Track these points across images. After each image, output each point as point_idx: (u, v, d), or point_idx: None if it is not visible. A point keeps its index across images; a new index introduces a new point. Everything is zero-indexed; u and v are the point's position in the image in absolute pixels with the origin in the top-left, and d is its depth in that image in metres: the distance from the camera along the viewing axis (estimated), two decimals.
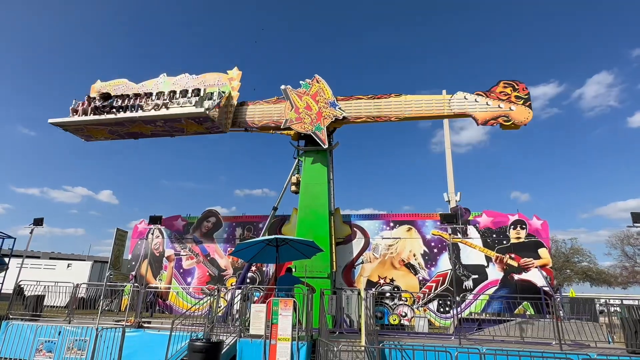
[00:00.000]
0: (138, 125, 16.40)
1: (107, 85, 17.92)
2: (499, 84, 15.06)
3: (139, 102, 16.30)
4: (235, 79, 16.78)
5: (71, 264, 29.01)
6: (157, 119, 15.82)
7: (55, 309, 13.19)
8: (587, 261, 37.84)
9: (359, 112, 15.80)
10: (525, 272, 15.03)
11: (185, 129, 16.59)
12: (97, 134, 17.51)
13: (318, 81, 16.24)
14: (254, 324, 9.00)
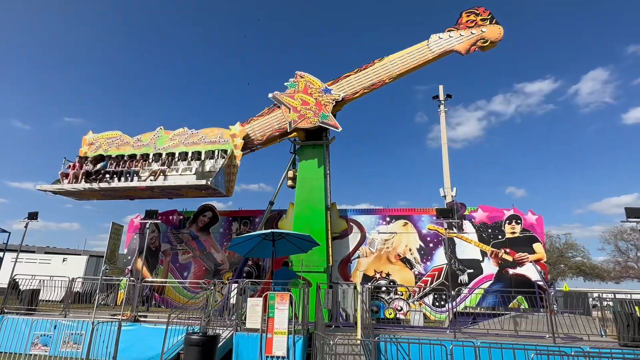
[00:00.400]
0: (134, 190, 15.71)
1: (99, 138, 17.11)
2: (462, 15, 15.54)
3: (134, 168, 15.30)
4: (238, 136, 15.80)
5: (67, 259, 28.94)
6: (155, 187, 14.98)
7: (51, 303, 13.18)
8: (581, 256, 38.23)
9: (353, 87, 15.81)
10: (519, 266, 15.14)
11: (185, 194, 16.03)
12: (89, 196, 17.03)
13: (302, 76, 16.11)
14: (251, 317, 9.03)
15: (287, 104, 15.93)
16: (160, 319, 10.73)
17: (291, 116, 15.76)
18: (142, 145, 16.51)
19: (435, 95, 29.19)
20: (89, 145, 17.10)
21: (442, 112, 28.65)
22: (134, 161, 15.73)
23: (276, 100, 16.11)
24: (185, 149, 15.92)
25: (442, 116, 28.35)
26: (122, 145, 16.72)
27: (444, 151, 27.26)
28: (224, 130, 16.06)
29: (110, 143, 16.86)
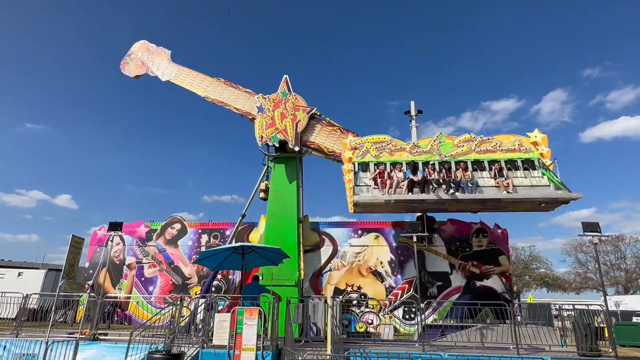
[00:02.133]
0: (451, 205, 13.34)
1: (364, 142, 14.34)
2: None
3: (452, 177, 12.97)
4: (540, 144, 13.50)
5: (22, 273, 27.19)
6: (501, 200, 12.82)
7: (2, 321, 12.31)
8: (544, 268, 39.80)
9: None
10: (486, 279, 15.57)
11: (508, 208, 13.97)
12: (386, 209, 14.39)
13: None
14: (218, 334, 8.76)
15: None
16: (122, 337, 10.24)
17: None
18: (422, 152, 14.03)
19: (407, 111, 29.92)
20: (353, 150, 14.26)
21: (413, 127, 29.34)
22: (443, 168, 13.34)
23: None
24: (478, 157, 13.57)
25: (413, 131, 28.99)
26: (396, 151, 14.11)
27: None
28: (522, 137, 13.86)
29: (380, 148, 14.16)
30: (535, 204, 13.09)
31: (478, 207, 13.79)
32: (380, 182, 13.09)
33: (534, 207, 13.51)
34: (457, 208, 13.96)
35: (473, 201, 12.93)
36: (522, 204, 13.28)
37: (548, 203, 12.88)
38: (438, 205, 13.59)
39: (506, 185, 12.57)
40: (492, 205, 13.56)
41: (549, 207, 13.41)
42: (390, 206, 13.58)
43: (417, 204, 13.38)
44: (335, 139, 15.63)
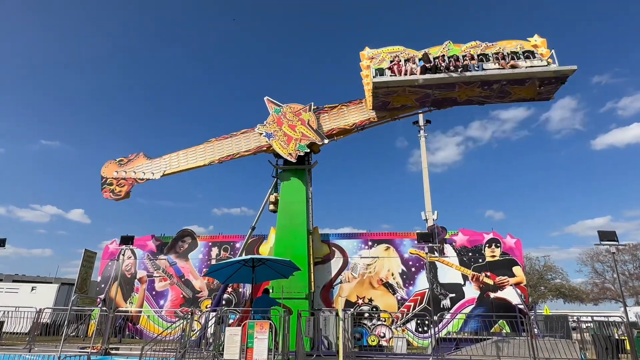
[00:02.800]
0: (461, 90, 14.38)
1: (380, 52, 15.33)
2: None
3: (462, 63, 13.99)
4: (539, 47, 14.31)
5: (35, 287, 27.45)
6: (498, 81, 13.79)
7: (16, 336, 12.41)
8: (560, 278, 38.81)
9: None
10: (500, 290, 15.24)
11: (513, 93, 14.69)
12: (401, 100, 15.22)
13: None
14: (228, 348, 8.68)
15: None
16: (133, 351, 10.22)
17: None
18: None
19: (416, 121, 29.90)
20: (370, 60, 15.25)
21: (422, 137, 29.29)
22: (457, 61, 14.15)
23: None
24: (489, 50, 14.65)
25: (422, 141, 28.98)
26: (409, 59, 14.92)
27: (424, 175, 27.71)
28: (523, 42, 14.63)
29: (395, 57, 14.94)
30: (534, 88, 14.16)
31: (484, 93, 14.70)
32: (397, 69, 14.28)
33: (534, 94, 14.52)
34: (466, 97, 15.01)
35: (480, 83, 13.97)
36: (524, 89, 14.27)
37: (546, 82, 13.78)
38: (448, 91, 14.60)
39: (509, 65, 13.66)
40: (498, 92, 14.52)
41: (548, 89, 14.26)
42: (407, 92, 14.60)
43: (429, 89, 14.41)
44: (345, 114, 16.46)
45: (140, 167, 16.71)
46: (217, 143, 16.53)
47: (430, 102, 15.66)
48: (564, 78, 13.60)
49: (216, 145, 16.51)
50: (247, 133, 16.53)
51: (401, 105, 15.70)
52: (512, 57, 13.90)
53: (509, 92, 14.60)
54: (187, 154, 16.58)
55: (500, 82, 13.98)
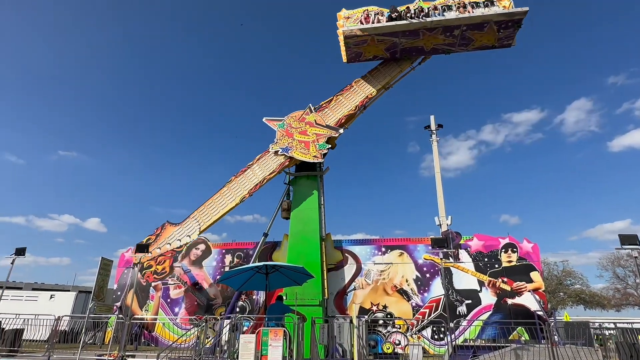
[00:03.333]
0: (429, 37, 15.75)
1: (355, 12, 16.67)
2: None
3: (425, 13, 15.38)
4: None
5: (54, 295, 27.98)
6: (460, 26, 15.08)
7: (35, 343, 12.62)
8: (580, 283, 37.78)
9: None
10: (518, 296, 14.91)
11: (475, 40, 15.96)
12: (372, 50, 16.78)
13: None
14: (243, 355, 8.68)
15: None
16: (149, 359, 10.29)
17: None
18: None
19: (427, 125, 29.71)
20: (346, 19, 16.59)
21: (434, 142, 29.06)
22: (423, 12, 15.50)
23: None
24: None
25: (434, 145, 28.73)
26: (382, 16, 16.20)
27: (437, 180, 27.42)
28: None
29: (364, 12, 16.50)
30: (493, 33, 15.45)
31: (448, 40, 16.04)
32: (364, 20, 15.89)
33: (495, 40, 15.87)
34: (432, 45, 16.41)
35: (442, 29, 15.35)
36: (484, 34, 15.58)
37: (503, 26, 15.05)
38: (414, 39, 16.08)
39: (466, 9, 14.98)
40: (460, 39, 15.88)
41: (507, 34, 15.55)
42: (376, 41, 16.17)
43: (396, 37, 15.90)
44: (344, 102, 17.21)
45: (172, 236, 16.57)
46: (239, 179, 16.71)
47: (399, 52, 16.92)
48: (519, 21, 14.74)
49: (239, 181, 16.66)
50: (263, 157, 16.80)
51: (373, 55, 17.22)
52: (472, 5, 15.12)
53: (471, 38, 15.88)
54: (214, 203, 16.58)
55: (461, 28, 15.28)
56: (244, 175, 16.65)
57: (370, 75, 17.66)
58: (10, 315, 11.95)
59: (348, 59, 17.16)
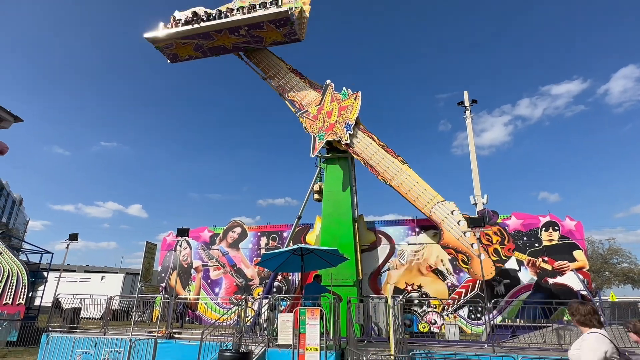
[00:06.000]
0: (223, 37, 17.17)
1: (185, 13, 18.26)
2: (495, 225, 14.48)
3: (224, 14, 17.01)
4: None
5: (105, 277, 30.05)
6: (242, 26, 16.43)
7: (91, 321, 13.66)
8: (627, 262, 35.92)
9: (363, 150, 15.32)
10: (560, 275, 14.42)
11: (265, 37, 17.21)
12: (183, 51, 18.33)
13: (356, 98, 16.21)
14: (282, 333, 9.01)
15: (324, 101, 16.39)
16: (194, 336, 10.88)
17: (311, 110, 16.44)
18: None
19: (460, 102, 28.68)
20: (177, 22, 18.09)
21: (468, 118, 28.07)
22: (221, 14, 17.20)
23: (324, 89, 16.63)
24: (253, 1, 17.12)
25: (468, 122, 27.75)
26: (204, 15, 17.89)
27: (472, 158, 26.59)
28: None
29: (172, 18, 18.09)
30: (274, 30, 16.58)
31: (241, 40, 17.34)
32: (173, 24, 17.50)
33: (281, 36, 16.96)
34: (231, 44, 17.69)
35: (229, 30, 16.75)
36: (270, 32, 16.73)
37: (277, 24, 16.17)
38: (211, 40, 17.48)
39: (247, 13, 16.37)
40: (251, 37, 17.09)
41: (288, 31, 16.63)
42: (180, 44, 17.86)
43: (195, 39, 17.42)
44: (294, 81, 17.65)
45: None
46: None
47: (208, 51, 18.31)
48: (287, 20, 15.81)
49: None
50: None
51: (188, 55, 18.68)
52: (249, 10, 16.45)
53: (260, 36, 17.10)
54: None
55: (242, 27, 16.57)
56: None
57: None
58: (68, 295, 12.95)
59: (171, 60, 18.89)
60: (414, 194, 14.41)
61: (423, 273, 15.64)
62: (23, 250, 17.35)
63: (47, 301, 15.32)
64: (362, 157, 15.27)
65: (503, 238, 13.83)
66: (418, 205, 14.25)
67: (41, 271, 16.84)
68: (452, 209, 13.93)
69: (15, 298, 14.40)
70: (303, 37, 17.33)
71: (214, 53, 18.50)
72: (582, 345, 3.20)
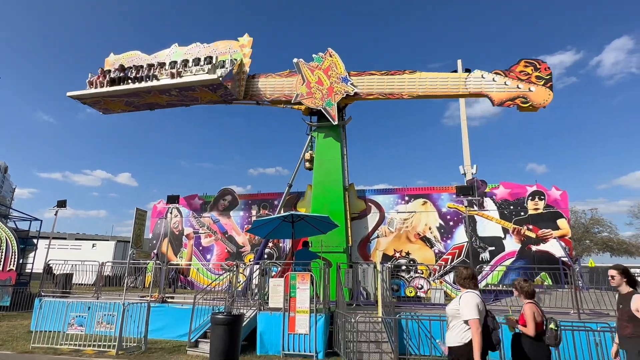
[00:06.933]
0: (154, 96, 16.36)
1: (120, 58, 17.76)
2: (519, 62, 13.94)
3: (153, 73, 16.19)
4: (246, 46, 16.34)
5: (96, 244, 30.14)
6: (172, 88, 15.72)
7: (84, 287, 13.81)
8: (608, 232, 37.14)
9: (371, 88, 15.32)
10: (543, 243, 14.89)
11: (199, 97, 16.49)
12: (114, 106, 17.54)
13: (331, 55, 15.83)
14: (273, 297, 9.24)
15: (305, 75, 15.76)
16: (187, 300, 11.10)
17: (301, 89, 15.69)
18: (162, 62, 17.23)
19: (454, 70, 28.29)
20: (112, 65, 17.62)
21: None
22: (152, 69, 16.47)
23: (297, 67, 15.97)
24: (199, 56, 16.61)
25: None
26: (141, 62, 17.34)
27: (463, 128, 26.66)
28: (234, 42, 16.54)
29: (130, 62, 17.39)
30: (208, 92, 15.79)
31: (174, 99, 16.57)
32: (95, 81, 16.51)
33: (217, 97, 16.18)
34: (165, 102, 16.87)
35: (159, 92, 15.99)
36: (203, 93, 15.95)
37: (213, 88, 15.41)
38: (141, 98, 16.59)
39: (175, 76, 15.55)
40: (185, 97, 16.32)
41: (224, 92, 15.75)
42: (109, 101, 17.01)
43: (124, 97, 16.57)
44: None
45: None
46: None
47: (140, 106, 17.43)
48: (220, 85, 15.01)
49: None
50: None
51: (121, 109, 17.81)
52: (179, 74, 15.58)
53: (195, 97, 16.34)
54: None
55: (174, 89, 15.78)
56: None
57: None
58: (59, 261, 12.99)
59: (103, 112, 18.10)
60: (441, 88, 14.58)
61: (411, 240, 15.99)
62: (11, 217, 17.19)
63: (38, 268, 15.38)
64: (375, 95, 15.18)
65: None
66: (452, 92, 14.52)
67: (31, 238, 16.79)
68: (479, 75, 14.25)
69: (5, 264, 14.41)
70: (241, 96, 16.25)
71: (148, 108, 17.63)
72: (461, 302, 3.93)
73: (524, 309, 4.52)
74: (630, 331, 4.08)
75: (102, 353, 8.46)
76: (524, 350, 4.30)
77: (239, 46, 16.41)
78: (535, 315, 4.37)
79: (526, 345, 4.31)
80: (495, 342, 3.86)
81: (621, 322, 4.30)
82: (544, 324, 4.40)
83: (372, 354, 7.78)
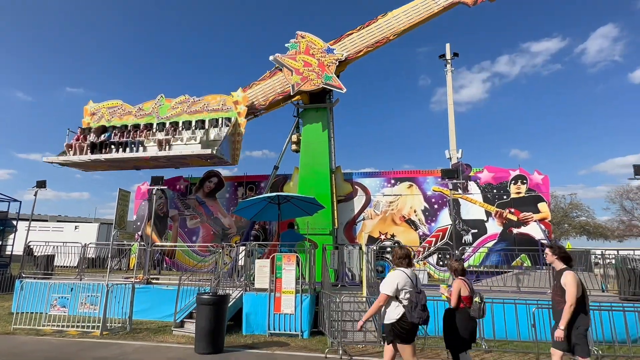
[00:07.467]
0: (139, 161, 15.69)
1: (101, 107, 16.88)
2: None
3: (139, 138, 15.27)
4: (240, 103, 15.39)
5: (78, 226, 29.68)
6: (161, 158, 15.05)
7: (66, 269, 13.62)
8: (585, 216, 38.35)
9: (356, 45, 15.25)
10: (524, 225, 15.27)
11: (190, 164, 16.09)
12: (96, 168, 17.12)
13: (303, 37, 15.52)
14: (259, 278, 9.30)
15: (289, 66, 15.49)
16: (172, 281, 11.08)
17: (294, 79, 15.35)
18: (145, 115, 16.35)
19: (442, 54, 28.26)
20: (91, 116, 16.96)
21: (448, 72, 27.85)
22: (137, 131, 15.68)
23: (277, 62, 15.64)
24: (189, 117, 15.68)
25: (448, 76, 27.59)
26: (125, 115, 16.55)
27: (450, 112, 26.80)
28: (226, 97, 15.67)
29: (113, 113, 16.68)
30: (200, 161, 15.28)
31: (161, 164, 16.02)
32: (77, 146, 15.39)
33: (208, 164, 15.98)
34: (152, 165, 16.33)
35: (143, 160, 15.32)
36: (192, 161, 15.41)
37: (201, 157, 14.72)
38: (124, 163, 16.10)
39: (164, 145, 14.73)
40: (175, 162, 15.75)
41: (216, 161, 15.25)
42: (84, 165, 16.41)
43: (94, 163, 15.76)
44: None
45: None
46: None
47: (126, 168, 17.17)
48: (214, 156, 14.09)
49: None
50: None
51: (103, 169, 17.47)
52: (168, 142, 14.77)
53: (185, 162, 15.79)
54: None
55: (161, 159, 15.17)
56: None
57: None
58: (40, 242, 12.74)
59: (84, 170, 17.68)
60: (417, 16, 14.90)
61: (397, 223, 16.20)
62: None
63: (19, 250, 15.06)
64: (363, 49, 15.25)
65: None
66: (428, 14, 14.79)
67: (10, 220, 16.39)
68: None
69: None
70: (237, 161, 15.66)
71: (134, 169, 17.26)
72: (385, 278, 4.45)
73: (452, 285, 5.11)
74: (563, 305, 4.26)
75: (86, 334, 8.42)
76: (454, 321, 4.92)
77: (233, 102, 15.48)
78: (461, 291, 4.94)
79: (455, 318, 4.93)
80: (418, 316, 4.23)
81: (555, 297, 4.52)
82: (472, 299, 4.93)
83: (356, 333, 7.94)
